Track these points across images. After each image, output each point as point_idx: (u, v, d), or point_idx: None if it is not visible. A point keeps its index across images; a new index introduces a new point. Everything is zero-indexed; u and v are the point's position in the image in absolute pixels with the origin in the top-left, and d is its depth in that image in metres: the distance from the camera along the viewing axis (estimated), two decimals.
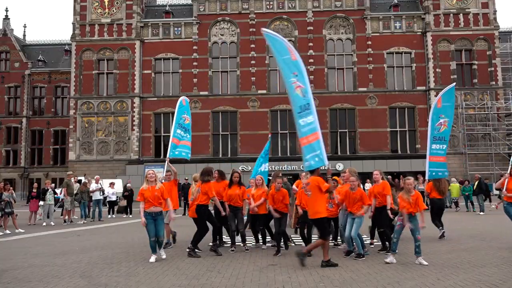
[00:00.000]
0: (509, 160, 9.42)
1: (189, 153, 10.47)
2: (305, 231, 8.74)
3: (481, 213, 17.71)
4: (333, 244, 9.22)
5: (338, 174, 12.16)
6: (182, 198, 20.67)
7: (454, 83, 12.89)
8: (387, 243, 8.37)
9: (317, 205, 7.17)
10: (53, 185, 18.82)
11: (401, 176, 11.75)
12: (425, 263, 7.19)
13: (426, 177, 11.01)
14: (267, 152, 12.34)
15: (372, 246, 9.10)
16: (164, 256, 8.01)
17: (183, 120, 10.48)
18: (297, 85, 7.40)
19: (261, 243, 9.45)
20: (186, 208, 20.42)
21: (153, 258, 7.79)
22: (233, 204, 8.89)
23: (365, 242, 9.60)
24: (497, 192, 20.56)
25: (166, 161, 9.67)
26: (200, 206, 8.48)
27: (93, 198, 17.97)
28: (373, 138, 36.55)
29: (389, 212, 8.25)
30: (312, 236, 8.65)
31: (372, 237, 9.44)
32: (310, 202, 7.31)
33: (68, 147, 38.86)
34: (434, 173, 10.84)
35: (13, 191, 15.16)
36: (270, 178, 11.42)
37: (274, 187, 8.63)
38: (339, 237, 9.49)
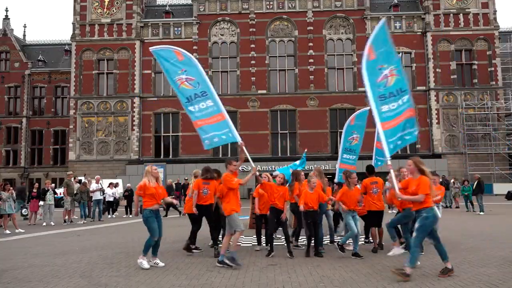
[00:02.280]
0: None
1: (230, 133, 8.28)
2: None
3: (481, 213, 17.71)
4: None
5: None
6: (183, 197, 20.70)
7: (368, 107, 11.38)
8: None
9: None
10: (53, 185, 18.83)
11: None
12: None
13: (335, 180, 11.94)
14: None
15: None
16: (162, 264, 7.36)
17: (185, 81, 8.46)
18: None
19: (258, 244, 9.42)
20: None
21: (145, 263, 7.14)
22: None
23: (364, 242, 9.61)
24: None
25: (241, 146, 8.14)
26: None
27: (93, 198, 17.97)
28: (373, 138, 36.37)
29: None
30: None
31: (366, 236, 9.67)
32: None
33: (68, 147, 38.86)
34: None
35: (13, 191, 15.16)
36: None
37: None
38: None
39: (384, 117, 7.16)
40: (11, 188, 15.13)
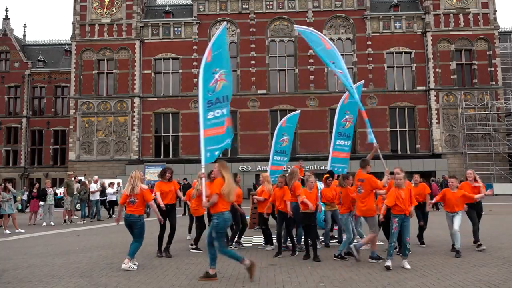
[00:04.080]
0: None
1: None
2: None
3: None
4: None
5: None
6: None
7: (362, 81, 13.49)
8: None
9: None
10: (55, 188, 18.76)
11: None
12: (408, 266, 6.94)
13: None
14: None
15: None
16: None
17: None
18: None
19: (265, 244, 9.46)
20: (186, 208, 20.47)
21: (133, 265, 7.23)
22: (236, 203, 9.39)
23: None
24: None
25: (376, 148, 8.61)
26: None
27: (92, 198, 17.97)
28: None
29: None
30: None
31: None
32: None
33: (68, 147, 38.85)
34: (336, 169, 10.94)
35: (12, 191, 15.14)
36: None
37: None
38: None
39: (208, 124, 7.02)
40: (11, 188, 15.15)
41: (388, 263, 7.03)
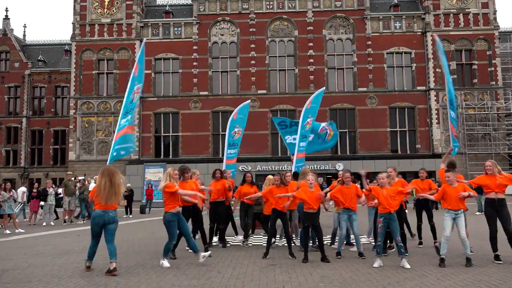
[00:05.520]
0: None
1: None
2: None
3: (477, 213, 17.75)
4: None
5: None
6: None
7: (323, 88, 14.44)
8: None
9: None
10: (56, 189, 18.79)
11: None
12: (408, 266, 6.95)
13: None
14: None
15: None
16: (167, 265, 7.36)
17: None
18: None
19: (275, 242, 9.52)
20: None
21: (166, 263, 7.32)
22: (246, 201, 9.64)
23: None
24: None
25: (449, 151, 9.57)
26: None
27: None
28: (373, 138, 36.53)
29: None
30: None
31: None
32: None
33: (68, 147, 38.85)
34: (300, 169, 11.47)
35: (13, 191, 15.15)
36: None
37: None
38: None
39: (119, 128, 8.11)
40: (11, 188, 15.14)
41: (376, 264, 7.09)
